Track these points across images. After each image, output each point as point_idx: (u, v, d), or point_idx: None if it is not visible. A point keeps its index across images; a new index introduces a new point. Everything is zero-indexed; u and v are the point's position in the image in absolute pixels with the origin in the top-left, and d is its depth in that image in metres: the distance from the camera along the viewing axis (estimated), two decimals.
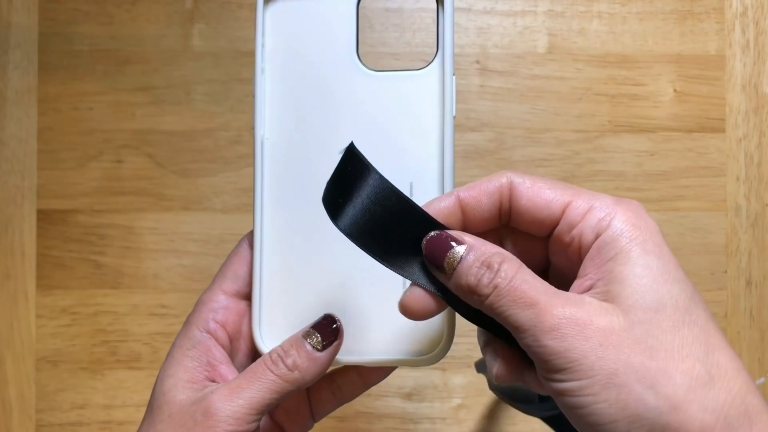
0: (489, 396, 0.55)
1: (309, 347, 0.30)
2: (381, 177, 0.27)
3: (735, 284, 0.55)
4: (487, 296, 0.25)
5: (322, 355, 0.30)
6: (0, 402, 0.55)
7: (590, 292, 0.26)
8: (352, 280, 0.32)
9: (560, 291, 0.25)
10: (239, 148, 0.55)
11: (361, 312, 0.31)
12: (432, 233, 0.27)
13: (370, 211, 0.27)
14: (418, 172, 0.31)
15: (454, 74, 0.31)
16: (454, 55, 0.32)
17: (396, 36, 0.55)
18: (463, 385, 0.55)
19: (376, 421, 0.55)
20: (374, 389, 0.34)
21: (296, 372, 0.30)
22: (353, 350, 0.32)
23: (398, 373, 0.34)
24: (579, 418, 0.24)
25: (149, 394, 0.59)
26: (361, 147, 0.29)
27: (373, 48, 0.55)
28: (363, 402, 0.55)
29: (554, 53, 0.56)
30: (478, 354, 0.56)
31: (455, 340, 0.32)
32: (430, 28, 0.55)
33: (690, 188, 0.56)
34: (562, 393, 0.25)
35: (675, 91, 0.56)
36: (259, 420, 0.30)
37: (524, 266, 0.26)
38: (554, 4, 0.56)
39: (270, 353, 0.30)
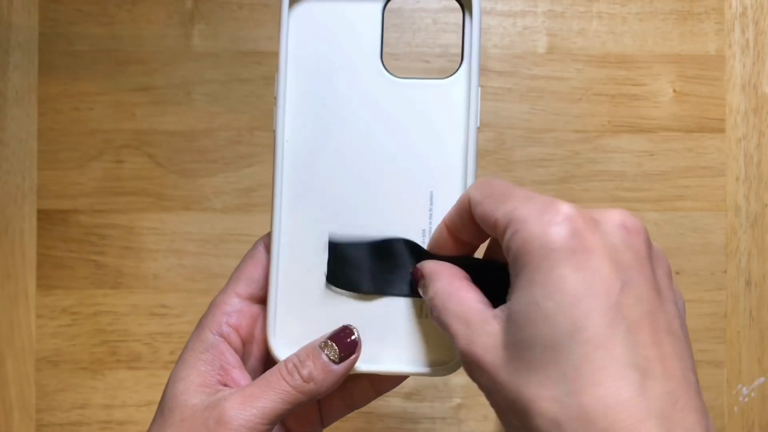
0: None
1: (325, 359, 0.30)
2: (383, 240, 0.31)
3: (735, 284, 0.55)
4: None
5: (339, 368, 0.30)
6: (0, 402, 0.55)
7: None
8: None
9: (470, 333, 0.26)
10: (239, 148, 0.55)
11: (376, 320, 0.31)
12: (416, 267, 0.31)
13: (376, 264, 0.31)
14: (439, 181, 0.31)
15: (479, 85, 0.31)
16: (480, 65, 0.31)
17: (396, 36, 0.55)
18: (463, 385, 0.55)
19: (376, 421, 0.55)
20: None
21: (311, 384, 0.29)
22: (368, 358, 0.31)
23: None
24: None
25: (149, 394, 0.58)
26: (381, 153, 0.31)
27: None
28: None
29: (554, 53, 0.56)
30: None
31: None
32: (430, 28, 0.55)
33: (690, 188, 0.56)
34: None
35: (675, 91, 0.56)
36: (271, 429, 0.30)
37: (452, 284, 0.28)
38: (554, 5, 0.56)
39: (285, 362, 0.30)
